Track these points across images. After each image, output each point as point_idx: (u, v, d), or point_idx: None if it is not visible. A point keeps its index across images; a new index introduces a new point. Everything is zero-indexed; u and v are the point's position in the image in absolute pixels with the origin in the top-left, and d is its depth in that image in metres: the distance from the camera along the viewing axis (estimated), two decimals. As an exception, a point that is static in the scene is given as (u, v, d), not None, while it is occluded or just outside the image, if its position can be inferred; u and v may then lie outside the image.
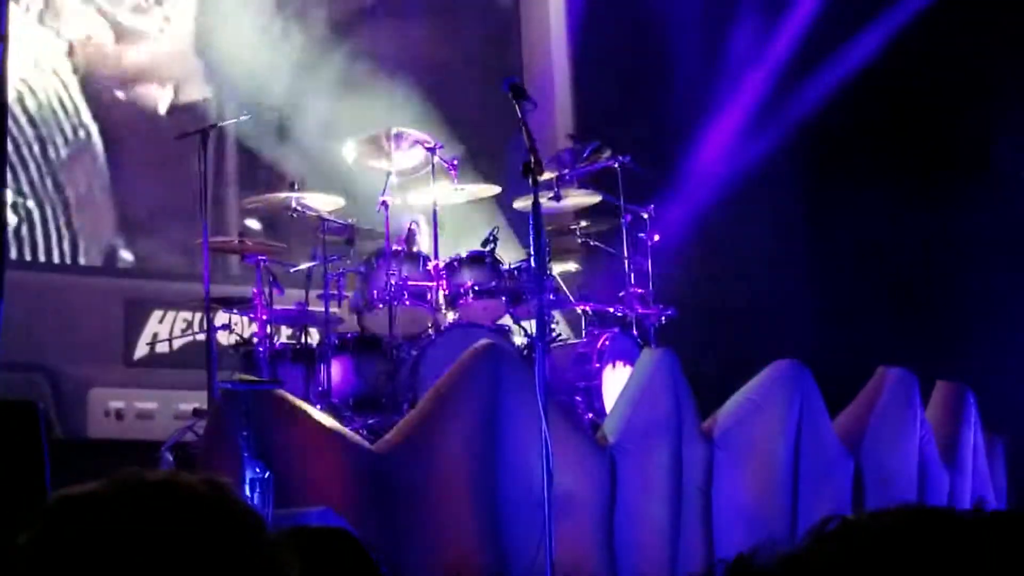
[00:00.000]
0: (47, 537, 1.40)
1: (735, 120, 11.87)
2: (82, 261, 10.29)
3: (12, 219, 9.92)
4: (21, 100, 10.01)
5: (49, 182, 10.16)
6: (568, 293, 8.76)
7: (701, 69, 11.77)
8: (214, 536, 1.41)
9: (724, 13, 11.83)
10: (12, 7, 9.14)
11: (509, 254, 8.55)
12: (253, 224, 10.26)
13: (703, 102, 11.84)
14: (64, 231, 10.20)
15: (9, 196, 9.72)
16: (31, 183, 10.07)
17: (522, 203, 8.16)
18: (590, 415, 7.87)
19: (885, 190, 11.33)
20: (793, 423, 7.50)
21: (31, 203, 10.06)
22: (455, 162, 8.56)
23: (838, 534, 1.40)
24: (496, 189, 8.83)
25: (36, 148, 10.11)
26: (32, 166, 10.08)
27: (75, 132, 10.31)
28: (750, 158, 11.77)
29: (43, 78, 10.21)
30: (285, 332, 9.22)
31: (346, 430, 6.83)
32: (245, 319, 8.84)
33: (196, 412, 8.15)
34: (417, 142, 8.54)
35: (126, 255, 10.46)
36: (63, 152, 10.24)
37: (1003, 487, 9.12)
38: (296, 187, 8.40)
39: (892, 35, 11.64)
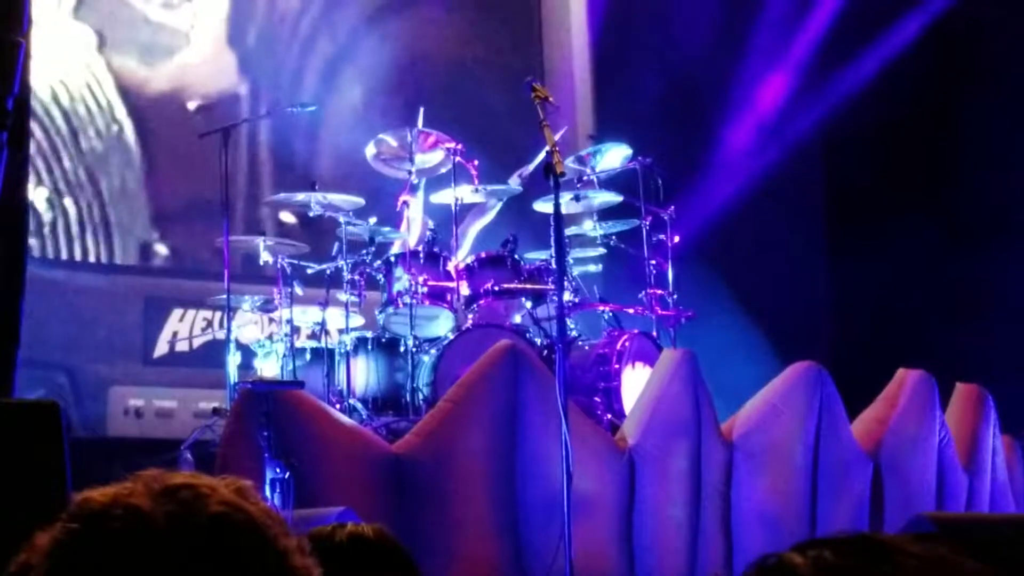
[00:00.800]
0: (66, 542, 1.40)
1: (756, 121, 11.86)
2: (118, 259, 10.31)
3: (47, 216, 9.97)
4: (56, 97, 10.04)
5: (84, 177, 10.18)
6: (588, 294, 8.74)
7: (723, 70, 11.76)
8: (235, 539, 1.41)
9: (747, 13, 11.82)
10: (44, 2, 9.20)
11: (529, 255, 8.54)
12: (289, 218, 10.28)
13: (724, 103, 11.83)
14: (98, 227, 10.22)
15: (45, 193, 9.79)
16: (65, 179, 10.09)
17: (543, 204, 8.16)
18: (609, 416, 7.85)
19: (905, 189, 11.32)
20: (812, 425, 7.48)
21: (67, 200, 10.09)
22: (476, 163, 8.57)
23: (774, 571, 1.38)
24: (517, 190, 8.81)
25: (70, 144, 10.14)
26: (67, 162, 10.10)
27: (108, 127, 10.33)
28: (770, 159, 11.76)
29: (76, 74, 10.23)
30: (305, 332, 9.22)
31: (366, 430, 6.84)
32: (266, 318, 8.86)
33: (215, 411, 8.17)
34: (438, 142, 8.54)
35: (160, 248, 10.48)
36: (97, 147, 10.26)
37: (1021, 490, 9.09)
38: (316, 186, 8.40)
39: (917, 41, 11.64)
